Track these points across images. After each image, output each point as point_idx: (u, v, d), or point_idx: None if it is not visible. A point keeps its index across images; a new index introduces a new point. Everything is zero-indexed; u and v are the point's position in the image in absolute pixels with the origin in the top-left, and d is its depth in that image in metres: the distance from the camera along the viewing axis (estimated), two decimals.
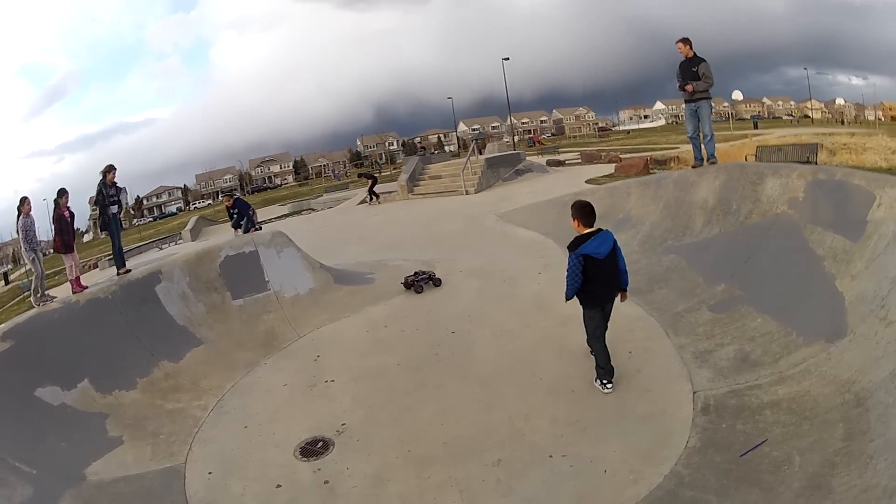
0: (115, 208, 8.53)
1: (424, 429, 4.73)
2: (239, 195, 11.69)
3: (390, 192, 24.34)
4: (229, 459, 4.82)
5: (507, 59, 49.64)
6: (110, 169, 8.45)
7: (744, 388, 4.65)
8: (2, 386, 5.42)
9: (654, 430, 4.30)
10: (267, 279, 8.39)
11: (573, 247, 4.87)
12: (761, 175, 7.18)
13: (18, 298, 29.44)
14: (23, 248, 7.96)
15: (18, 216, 7.64)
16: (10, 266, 76.18)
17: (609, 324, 5.08)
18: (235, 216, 12.34)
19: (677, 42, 8.93)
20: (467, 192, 20.26)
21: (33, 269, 8.07)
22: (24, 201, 7.70)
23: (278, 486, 4.32)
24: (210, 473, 4.67)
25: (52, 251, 8.21)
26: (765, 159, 16.29)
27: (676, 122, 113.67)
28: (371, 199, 23.66)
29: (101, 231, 10.69)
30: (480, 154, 27.49)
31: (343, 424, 5.00)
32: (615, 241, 4.99)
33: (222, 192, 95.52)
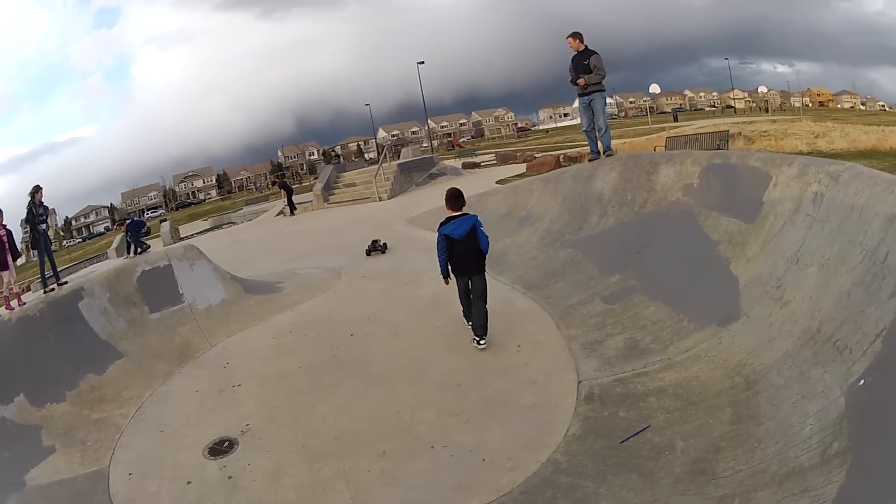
0: (43, 226, 8.85)
1: (319, 426, 5.12)
2: (136, 218, 11.21)
3: (307, 202, 24.34)
4: (147, 461, 5.15)
5: (422, 62, 50.45)
6: (38, 189, 8.76)
7: (630, 375, 4.76)
8: None
9: (535, 420, 4.48)
10: (181, 292, 8.54)
11: (440, 226, 5.86)
12: (655, 164, 7.39)
13: None
14: None
15: None
16: None
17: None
18: (129, 240, 12.03)
19: (567, 37, 9.01)
20: (380, 199, 20.71)
21: None
22: None
23: (188, 482, 4.67)
24: (130, 475, 4.99)
25: None
26: (671, 149, 16.37)
27: None
28: (288, 210, 23.66)
29: (31, 250, 10.43)
30: (397, 159, 27.96)
31: (247, 425, 5.36)
32: (475, 224, 5.80)
33: (118, 220, 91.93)
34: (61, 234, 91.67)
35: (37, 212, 8.66)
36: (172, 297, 8.41)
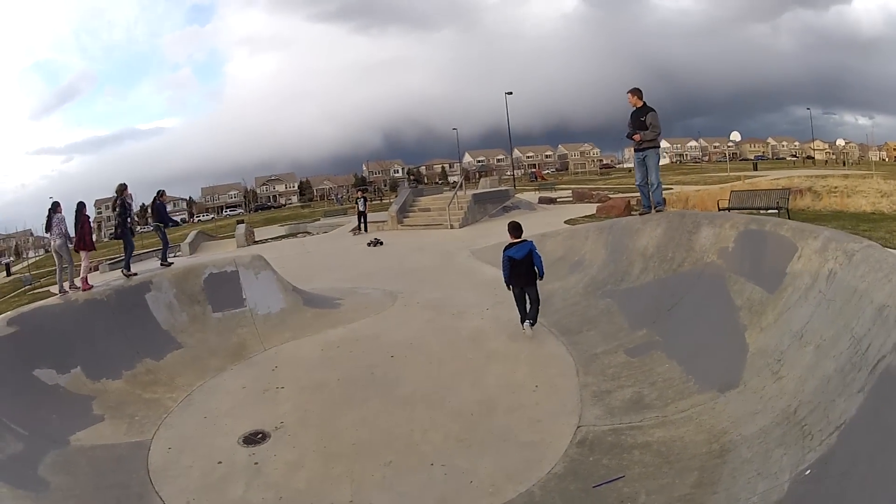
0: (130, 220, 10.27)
1: (342, 432, 5.75)
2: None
3: (382, 222, 25.41)
4: (186, 440, 5.95)
5: (511, 93, 51.27)
6: (125, 187, 10.05)
7: (625, 427, 5.07)
8: (4, 363, 6.56)
9: (527, 455, 4.88)
10: (244, 297, 9.55)
11: (505, 249, 7.80)
12: (698, 224, 7.73)
13: (19, 291, 30.40)
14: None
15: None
16: (12, 258, 77.76)
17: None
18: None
19: (627, 92, 9.29)
20: (452, 227, 21.41)
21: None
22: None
23: (219, 462, 5.41)
24: (169, 449, 5.79)
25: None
26: (735, 204, 16.78)
27: (680, 162, 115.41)
28: (360, 227, 24.66)
29: (112, 237, 11.69)
30: (476, 188, 28.73)
31: (281, 423, 6.07)
32: (531, 249, 7.69)
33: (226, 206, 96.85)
34: (136, 219, 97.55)
35: (128, 208, 10.06)
36: (235, 301, 9.43)
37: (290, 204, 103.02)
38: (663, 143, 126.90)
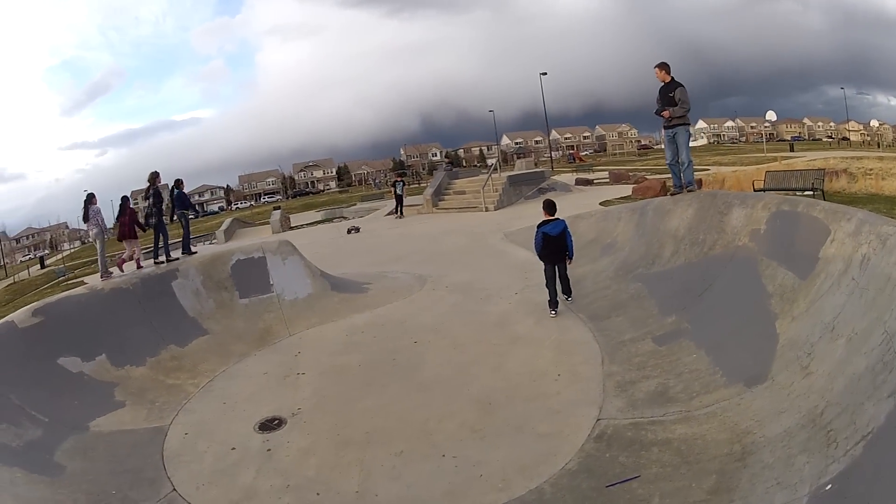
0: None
1: (357, 418, 5.65)
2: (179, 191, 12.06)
3: (417, 205, 25.33)
4: (203, 426, 5.97)
5: (545, 73, 50.49)
6: (157, 175, 10.49)
7: (646, 421, 4.79)
8: (29, 352, 6.68)
9: (542, 448, 4.65)
10: (272, 283, 9.55)
11: (539, 225, 8.02)
12: (729, 205, 7.36)
13: (52, 282, 31.37)
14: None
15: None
16: (47, 251, 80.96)
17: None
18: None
19: (654, 67, 8.87)
20: (486, 209, 21.10)
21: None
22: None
23: (233, 448, 5.39)
24: (186, 434, 5.82)
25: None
26: (770, 185, 16.57)
27: (718, 142, 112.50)
28: (397, 211, 24.28)
29: (146, 226, 12.04)
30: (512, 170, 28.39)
31: (299, 409, 6.02)
32: (565, 227, 8.01)
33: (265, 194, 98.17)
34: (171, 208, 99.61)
35: (161, 196, 10.36)
36: (262, 286, 9.43)
37: (328, 189, 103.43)
38: (700, 124, 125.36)
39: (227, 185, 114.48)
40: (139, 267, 9.80)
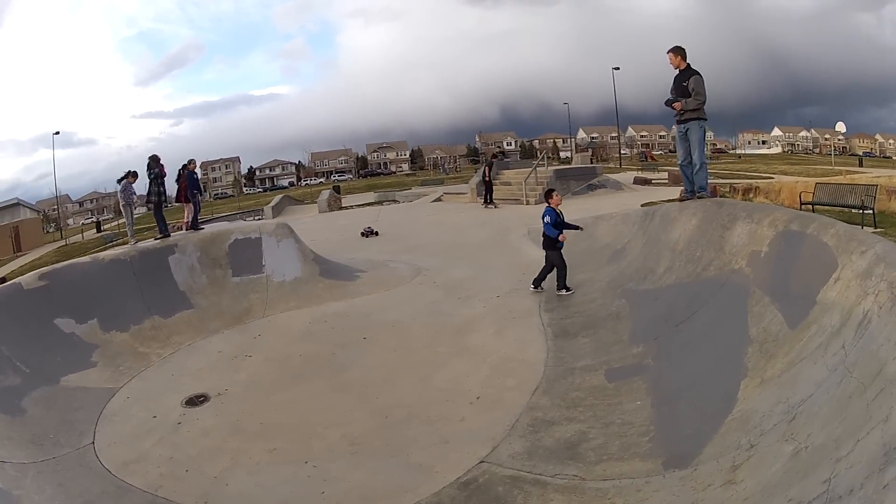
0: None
1: (264, 409, 5.66)
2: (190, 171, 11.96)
3: (463, 194, 25.00)
4: (145, 393, 6.29)
5: (618, 68, 48.66)
6: (157, 160, 10.79)
7: (529, 479, 4.09)
8: (31, 312, 7.25)
9: (400, 482, 4.28)
10: (264, 263, 9.62)
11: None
12: (734, 218, 6.45)
13: (100, 247, 32.98)
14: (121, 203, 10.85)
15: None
16: (111, 215, 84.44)
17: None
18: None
19: (667, 52, 7.76)
20: (528, 202, 20.46)
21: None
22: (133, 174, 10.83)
23: (154, 416, 5.65)
24: (127, 398, 6.19)
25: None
26: (818, 199, 14.89)
27: (791, 151, 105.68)
28: (486, 199, 21.28)
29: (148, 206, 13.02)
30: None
31: (226, 389, 6.12)
32: (544, 215, 8.44)
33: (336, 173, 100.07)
34: (242, 181, 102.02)
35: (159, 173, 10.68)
36: (255, 267, 9.56)
37: (400, 171, 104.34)
38: (776, 131, 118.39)
39: (299, 161, 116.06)
40: (187, 229, 10.91)
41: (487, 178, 21.44)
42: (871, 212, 12.77)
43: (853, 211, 12.91)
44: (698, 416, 4.26)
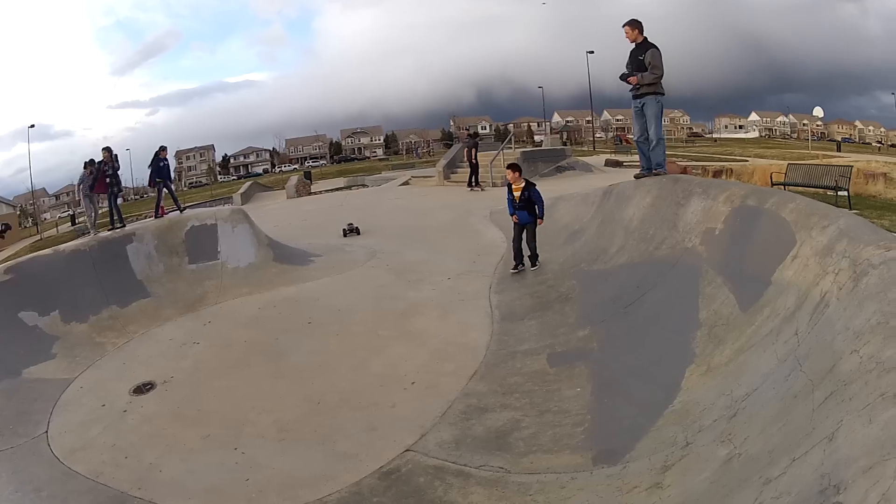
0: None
1: (204, 395, 5.73)
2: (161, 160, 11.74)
3: (430, 177, 24.88)
4: (97, 382, 6.35)
5: (592, 52, 48.77)
6: (109, 151, 11.06)
7: (453, 470, 4.01)
8: None
9: (323, 470, 4.30)
10: (219, 250, 9.55)
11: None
12: (689, 194, 6.24)
13: (73, 240, 32.77)
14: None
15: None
16: (83, 209, 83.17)
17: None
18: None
19: (623, 25, 7.56)
20: (494, 185, 20.31)
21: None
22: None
23: (103, 405, 5.74)
24: (81, 388, 6.25)
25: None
26: (790, 180, 14.50)
27: (769, 136, 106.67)
28: (472, 182, 20.44)
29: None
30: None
31: (171, 377, 6.18)
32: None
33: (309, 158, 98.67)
34: (217, 169, 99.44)
35: (104, 168, 10.97)
36: (210, 253, 9.53)
37: (374, 156, 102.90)
38: (753, 116, 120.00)
39: (273, 148, 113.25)
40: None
41: (474, 160, 20.62)
42: (845, 193, 12.69)
43: (827, 193, 12.81)
44: (637, 407, 4.12)
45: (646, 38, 7.46)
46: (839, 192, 12.60)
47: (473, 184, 20.25)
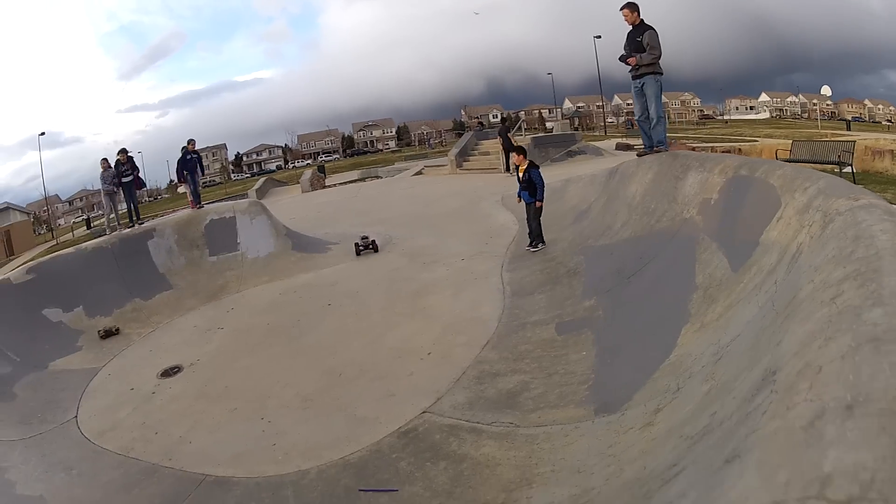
0: (127, 179, 11.63)
1: (229, 374, 6.01)
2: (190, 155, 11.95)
3: (443, 166, 24.99)
4: (124, 369, 6.68)
5: (599, 37, 48.25)
6: (125, 152, 11.37)
7: (467, 427, 4.24)
8: (20, 303, 7.70)
9: (344, 432, 4.49)
10: (239, 241, 9.84)
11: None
12: (686, 168, 6.39)
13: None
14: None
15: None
16: (98, 212, 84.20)
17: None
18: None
19: (621, 8, 7.66)
20: (504, 171, 20.52)
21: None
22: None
23: (132, 388, 6.05)
24: (108, 375, 6.59)
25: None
26: (795, 156, 14.23)
27: (780, 116, 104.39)
28: (508, 167, 19.81)
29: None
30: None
31: (197, 360, 6.49)
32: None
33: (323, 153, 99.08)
34: (231, 167, 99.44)
35: (120, 169, 11.19)
36: (230, 245, 9.80)
37: (387, 149, 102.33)
38: (763, 97, 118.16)
39: (286, 144, 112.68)
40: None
41: (507, 146, 20.30)
42: (849, 169, 12.63)
43: (834, 169, 12.53)
44: (637, 364, 4.30)
45: (643, 20, 7.57)
46: (843, 169, 12.49)
47: (510, 168, 19.68)
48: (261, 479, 4.10)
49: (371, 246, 10.06)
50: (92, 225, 54.51)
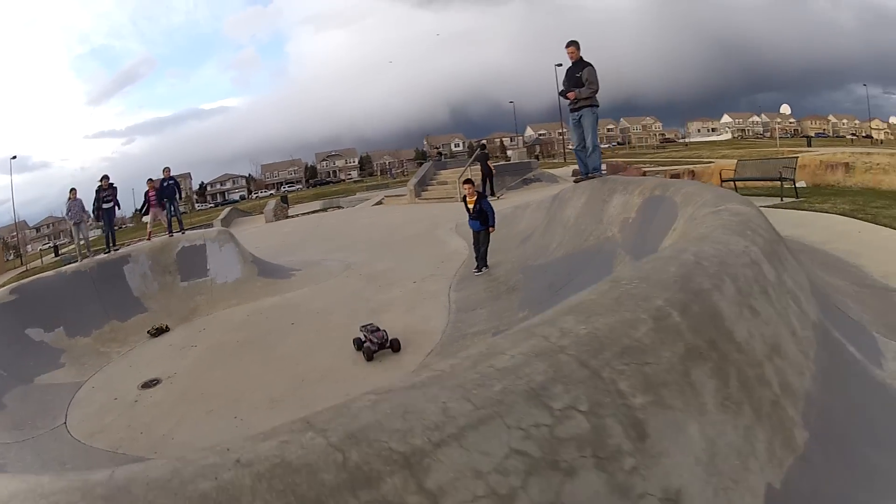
0: (108, 205, 12.37)
1: (205, 383, 6.81)
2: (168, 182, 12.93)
3: (402, 195, 25.90)
4: (107, 382, 7.42)
5: (560, 65, 50.26)
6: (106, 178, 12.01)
7: None
8: (3, 323, 8.23)
9: None
10: (208, 267, 10.53)
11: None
12: (612, 191, 7.07)
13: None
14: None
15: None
16: (67, 240, 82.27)
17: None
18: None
19: (566, 46, 8.31)
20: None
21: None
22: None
23: (115, 398, 6.78)
24: (93, 387, 7.33)
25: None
26: (739, 175, 14.72)
27: (741, 137, 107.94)
28: (492, 192, 20.51)
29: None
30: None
31: (175, 373, 7.27)
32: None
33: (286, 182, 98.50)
34: (194, 197, 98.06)
35: (102, 195, 11.96)
36: (200, 271, 10.53)
37: (349, 179, 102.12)
38: (725, 118, 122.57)
39: (250, 174, 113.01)
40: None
41: (492, 170, 21.30)
42: (790, 184, 12.90)
43: (783, 185, 12.82)
44: None
45: (581, 57, 8.29)
46: (784, 184, 12.82)
47: (494, 193, 20.59)
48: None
49: (389, 345, 6.85)
50: (60, 252, 53.35)
